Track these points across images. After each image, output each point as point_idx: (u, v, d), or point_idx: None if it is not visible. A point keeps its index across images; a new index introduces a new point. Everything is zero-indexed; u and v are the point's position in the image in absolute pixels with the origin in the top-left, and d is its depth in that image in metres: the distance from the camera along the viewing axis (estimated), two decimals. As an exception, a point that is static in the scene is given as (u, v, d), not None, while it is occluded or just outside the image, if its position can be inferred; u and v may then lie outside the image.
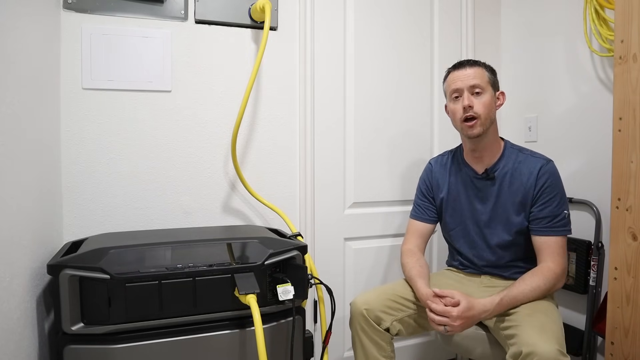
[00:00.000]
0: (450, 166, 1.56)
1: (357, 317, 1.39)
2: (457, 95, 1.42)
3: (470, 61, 1.44)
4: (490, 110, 1.40)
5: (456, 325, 1.23)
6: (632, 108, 1.25)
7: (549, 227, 1.36)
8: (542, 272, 1.34)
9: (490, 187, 1.45)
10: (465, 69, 1.41)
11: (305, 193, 1.81)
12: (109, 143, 1.56)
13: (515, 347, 1.15)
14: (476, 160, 1.48)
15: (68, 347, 1.08)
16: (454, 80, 1.42)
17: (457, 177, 1.53)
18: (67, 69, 1.49)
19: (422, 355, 2.01)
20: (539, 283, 1.31)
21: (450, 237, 1.57)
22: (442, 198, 1.55)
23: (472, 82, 1.38)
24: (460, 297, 1.25)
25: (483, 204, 1.47)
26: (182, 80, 1.63)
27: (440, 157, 1.62)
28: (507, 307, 1.29)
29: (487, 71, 1.42)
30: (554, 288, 1.35)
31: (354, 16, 1.86)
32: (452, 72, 1.45)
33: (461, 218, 1.51)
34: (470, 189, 1.49)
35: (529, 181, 1.39)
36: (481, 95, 1.39)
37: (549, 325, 1.20)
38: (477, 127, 1.39)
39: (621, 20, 1.27)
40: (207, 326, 1.19)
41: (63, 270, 1.08)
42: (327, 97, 1.83)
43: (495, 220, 1.44)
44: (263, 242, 1.30)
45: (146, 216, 1.61)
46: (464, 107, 1.39)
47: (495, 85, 1.44)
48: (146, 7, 1.57)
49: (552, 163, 1.41)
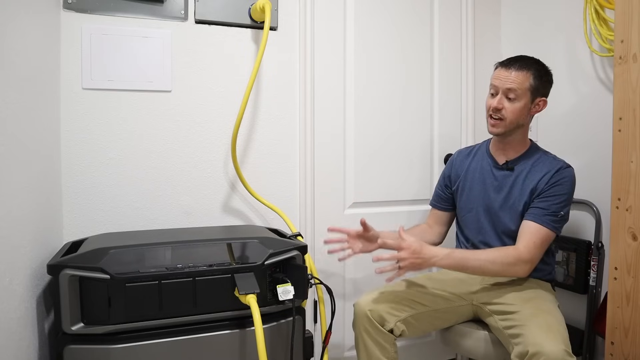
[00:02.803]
0: (474, 155, 1.59)
1: (361, 318, 1.39)
2: (493, 92, 1.43)
3: (520, 63, 1.40)
4: (518, 117, 1.40)
5: (406, 257, 1.26)
6: (632, 108, 1.25)
7: (538, 215, 1.37)
8: (507, 250, 1.35)
9: (507, 177, 1.47)
10: (510, 71, 1.39)
11: (305, 193, 1.81)
12: (109, 143, 1.55)
13: (521, 346, 1.15)
14: (500, 152, 1.51)
15: (68, 347, 1.08)
16: (495, 77, 1.42)
17: (477, 164, 1.55)
18: (67, 69, 1.49)
19: (422, 355, 2.01)
20: (495, 256, 1.32)
21: (462, 221, 1.59)
22: (458, 184, 1.58)
23: (509, 86, 1.38)
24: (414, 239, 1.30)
25: (497, 193, 1.48)
26: (182, 80, 1.63)
27: (465, 149, 1.67)
28: (458, 264, 1.32)
29: (532, 77, 1.39)
30: (510, 271, 1.34)
31: (354, 16, 1.86)
32: (499, 67, 1.43)
33: (474, 204, 1.53)
34: (488, 178, 1.51)
35: (544, 177, 1.40)
36: (514, 101, 1.39)
37: (555, 325, 1.20)
38: (498, 128, 1.42)
39: (621, 20, 1.27)
40: (207, 326, 1.19)
41: (63, 270, 1.08)
42: (327, 97, 1.83)
43: (505, 208, 1.46)
44: (263, 242, 1.30)
45: (146, 216, 1.61)
46: (492, 107, 1.41)
47: (537, 91, 1.40)
48: (146, 7, 1.57)
49: (572, 169, 1.41)
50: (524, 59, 1.43)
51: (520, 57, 1.43)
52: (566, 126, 1.79)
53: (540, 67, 1.42)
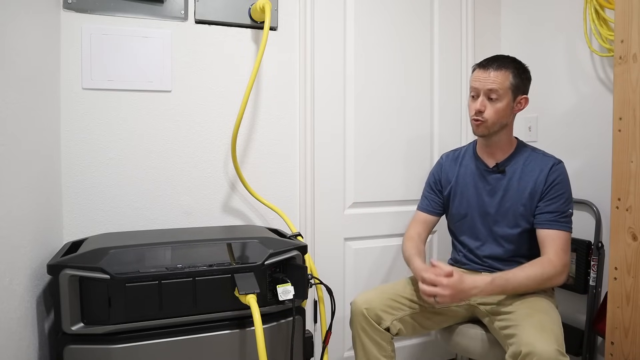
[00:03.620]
0: (461, 159, 1.58)
1: (358, 317, 1.39)
2: (473, 94, 1.43)
3: (498, 63, 1.40)
4: (501, 117, 1.40)
5: (446, 294, 1.24)
6: (632, 108, 1.25)
7: (554, 220, 1.37)
8: (541, 262, 1.33)
9: (500, 180, 1.46)
10: (489, 72, 1.39)
11: (305, 193, 1.81)
12: (109, 143, 1.55)
13: (515, 346, 1.15)
14: (488, 154, 1.50)
15: (68, 347, 1.08)
16: (474, 79, 1.43)
17: (467, 169, 1.54)
18: (67, 69, 1.49)
19: (422, 355, 2.01)
20: (535, 272, 1.31)
21: (455, 228, 1.58)
22: (451, 189, 1.57)
23: (490, 86, 1.38)
24: (452, 269, 1.28)
25: (491, 197, 1.47)
26: (182, 80, 1.63)
27: (452, 152, 1.65)
28: (500, 290, 1.30)
29: (512, 75, 1.39)
30: (551, 282, 1.33)
31: (354, 16, 1.86)
32: (477, 69, 1.44)
33: (468, 210, 1.52)
34: (479, 182, 1.50)
35: (540, 177, 1.40)
36: (496, 101, 1.39)
37: (548, 325, 1.20)
38: (482, 129, 1.42)
39: (621, 20, 1.27)
40: (207, 326, 1.19)
41: (63, 270, 1.08)
42: (327, 97, 1.83)
43: (502, 213, 1.45)
44: (263, 242, 1.30)
45: (146, 216, 1.61)
46: (476, 110, 1.41)
47: (518, 89, 1.40)
48: (146, 7, 1.57)
49: (563, 164, 1.43)
50: (501, 58, 1.42)
51: (497, 57, 1.43)
52: (566, 126, 1.79)
53: (518, 65, 1.42)
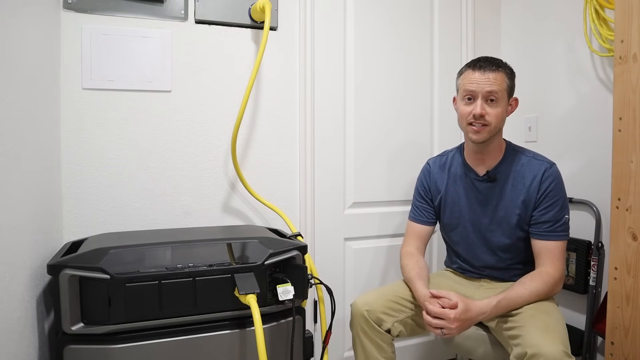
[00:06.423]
0: (449, 167, 1.53)
1: (358, 319, 1.38)
2: (470, 97, 1.35)
3: (494, 63, 1.34)
4: (501, 121, 1.35)
5: (453, 327, 1.22)
6: (632, 108, 1.25)
7: (549, 231, 1.35)
8: (541, 276, 1.32)
9: (492, 189, 1.43)
10: (486, 73, 1.31)
11: (305, 193, 1.81)
12: (109, 143, 1.55)
13: (520, 348, 1.15)
14: (478, 162, 1.45)
15: (68, 347, 1.08)
16: (470, 81, 1.33)
17: (457, 178, 1.50)
18: (67, 69, 1.49)
19: (422, 355, 2.01)
20: (537, 287, 1.30)
21: (449, 238, 1.56)
22: (441, 199, 1.53)
23: (490, 88, 1.31)
24: (457, 299, 1.24)
25: (484, 207, 1.44)
26: (182, 80, 1.63)
27: (439, 158, 1.59)
28: (505, 310, 1.28)
29: (507, 77, 1.34)
30: (552, 292, 1.34)
31: (354, 16, 1.86)
32: (469, 71, 1.35)
33: (460, 220, 1.49)
34: (470, 191, 1.47)
35: (533, 184, 1.36)
36: (495, 103, 1.33)
37: (553, 326, 1.19)
38: (484, 134, 1.35)
39: (621, 20, 1.27)
40: (207, 326, 1.19)
41: (63, 270, 1.08)
42: (327, 97, 1.83)
43: (496, 223, 1.43)
44: (263, 242, 1.30)
45: (146, 216, 1.60)
46: (474, 114, 1.33)
47: (511, 91, 1.37)
48: (146, 7, 1.57)
49: (556, 166, 1.39)
50: (494, 59, 1.36)
51: (489, 58, 1.36)
52: (566, 126, 1.79)
53: (507, 65, 1.38)
